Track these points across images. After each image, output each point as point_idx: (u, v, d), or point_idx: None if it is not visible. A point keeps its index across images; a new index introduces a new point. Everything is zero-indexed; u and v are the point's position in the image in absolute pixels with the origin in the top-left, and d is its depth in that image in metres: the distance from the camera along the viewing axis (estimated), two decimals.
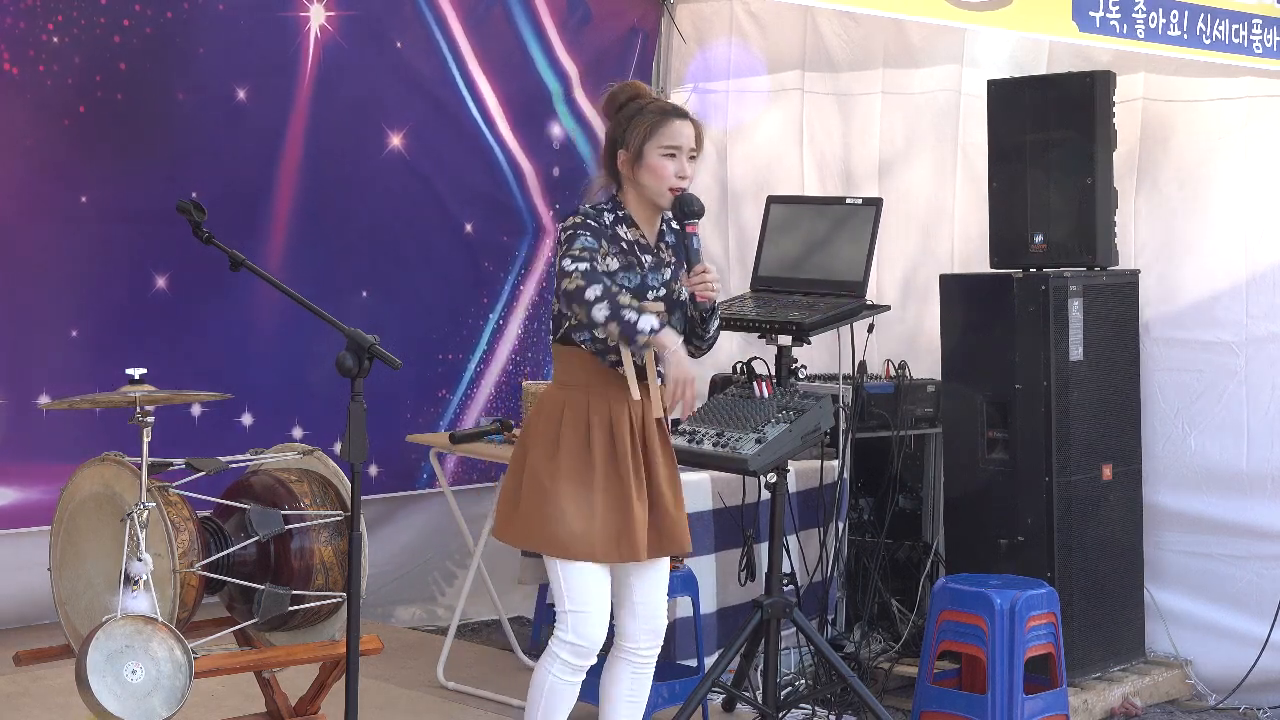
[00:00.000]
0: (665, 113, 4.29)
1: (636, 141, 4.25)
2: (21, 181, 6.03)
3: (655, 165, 4.24)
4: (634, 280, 4.23)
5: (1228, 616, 5.97)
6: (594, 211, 4.27)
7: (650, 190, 4.27)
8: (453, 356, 7.17)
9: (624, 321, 4.06)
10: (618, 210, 4.30)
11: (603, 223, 4.24)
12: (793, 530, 5.82)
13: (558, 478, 4.19)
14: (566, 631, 4.24)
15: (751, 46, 7.29)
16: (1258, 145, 5.92)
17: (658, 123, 4.25)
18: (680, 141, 4.25)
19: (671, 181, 4.24)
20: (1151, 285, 6.10)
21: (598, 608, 4.25)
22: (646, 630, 4.41)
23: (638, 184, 4.28)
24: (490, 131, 7.17)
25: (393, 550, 7.00)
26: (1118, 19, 4.96)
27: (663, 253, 4.34)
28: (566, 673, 4.26)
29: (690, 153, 4.28)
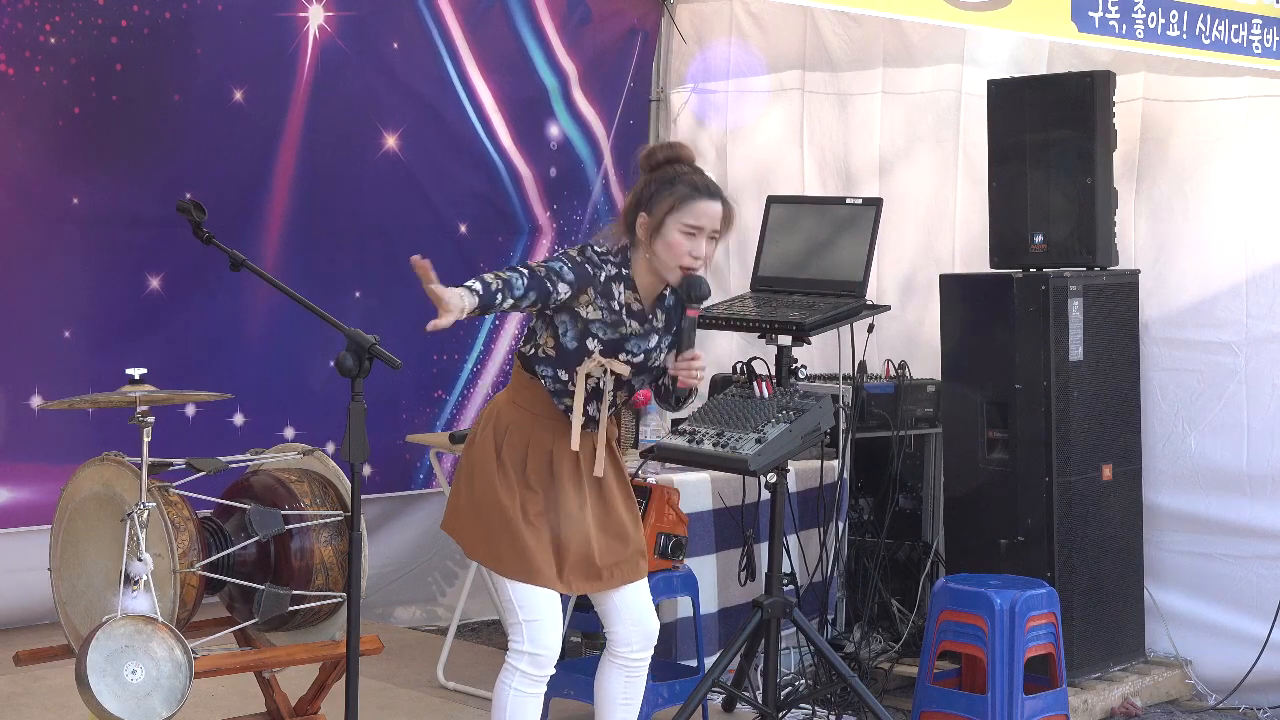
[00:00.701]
0: (697, 190, 4.17)
1: (660, 212, 4.14)
2: (14, 182, 6.03)
3: (673, 242, 4.14)
4: (610, 336, 4.15)
5: (1228, 616, 5.97)
6: (596, 258, 4.17)
7: (661, 262, 4.17)
8: (448, 357, 7.17)
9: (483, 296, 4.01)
10: (623, 269, 4.19)
11: (599, 274, 4.15)
12: (793, 530, 5.82)
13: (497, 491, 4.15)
14: (522, 642, 4.16)
15: (751, 46, 7.29)
16: (1258, 145, 5.92)
17: (687, 198, 4.14)
18: (704, 223, 4.15)
19: (685, 261, 4.15)
20: (1151, 285, 6.10)
21: (550, 614, 4.19)
22: (638, 634, 4.37)
23: (651, 251, 4.17)
24: (486, 132, 7.17)
25: (393, 550, 7.00)
26: (1117, 19, 4.96)
27: (654, 320, 4.24)
28: (527, 684, 4.17)
29: (713, 234, 4.18)
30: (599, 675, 4.44)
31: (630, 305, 4.20)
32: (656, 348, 4.26)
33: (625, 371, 4.19)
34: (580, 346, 4.16)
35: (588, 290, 4.14)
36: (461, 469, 4.31)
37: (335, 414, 6.52)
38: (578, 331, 4.15)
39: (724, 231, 4.23)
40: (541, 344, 4.21)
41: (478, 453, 4.24)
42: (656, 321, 4.25)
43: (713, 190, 4.21)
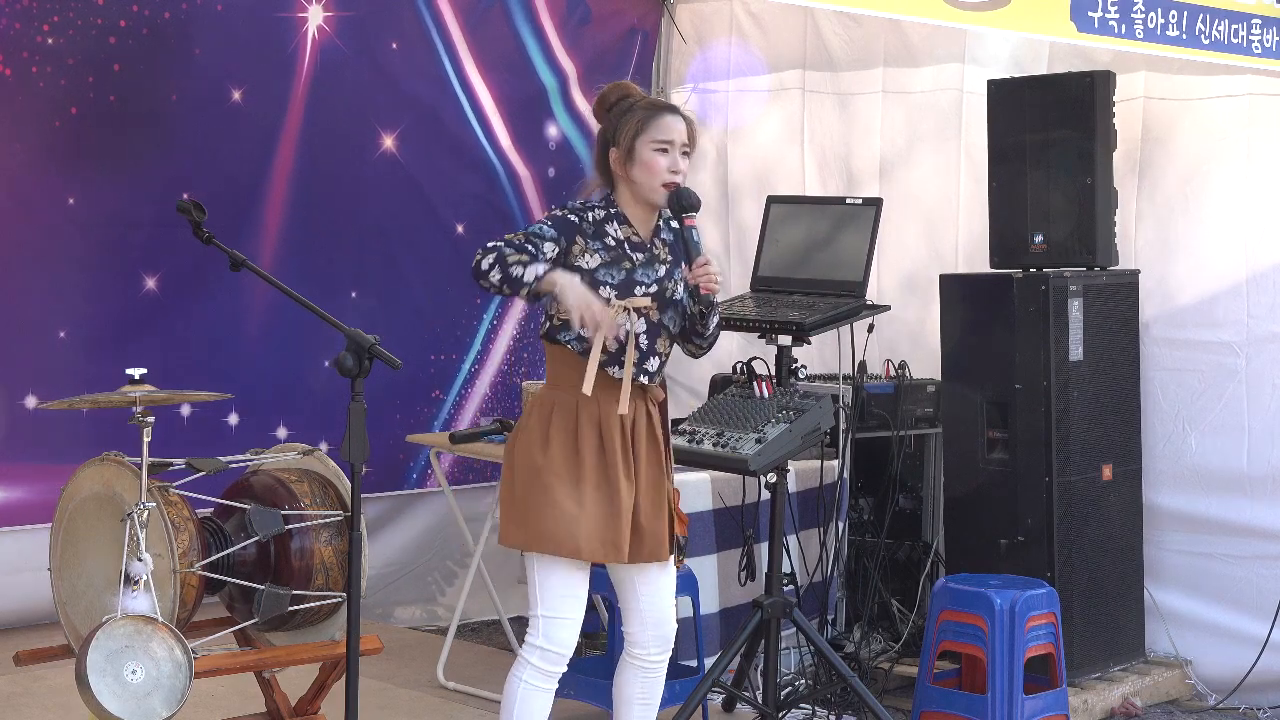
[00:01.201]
0: (656, 108, 4.25)
1: (628, 138, 4.20)
2: (10, 183, 6.03)
3: (647, 161, 4.19)
4: (618, 276, 4.16)
5: (1228, 616, 5.97)
6: (579, 207, 4.22)
7: (643, 187, 4.21)
8: (445, 357, 7.17)
9: (511, 279, 4.04)
10: (610, 208, 4.24)
11: (585, 219, 4.18)
12: (793, 530, 5.82)
13: (548, 475, 4.14)
14: (537, 636, 4.18)
15: (752, 46, 7.29)
16: (1259, 145, 5.92)
17: (648, 118, 4.21)
18: (672, 136, 4.20)
19: (664, 177, 4.19)
20: (1152, 285, 6.10)
21: (571, 613, 4.19)
22: (655, 637, 4.37)
23: (631, 181, 4.22)
24: (485, 132, 7.17)
25: (393, 550, 7.01)
26: (1116, 19, 4.96)
27: (657, 249, 4.27)
28: (538, 679, 4.18)
29: (683, 148, 4.23)
30: (618, 676, 4.43)
31: (630, 239, 4.22)
32: (668, 276, 4.25)
33: (645, 304, 4.17)
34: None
35: (576, 239, 4.15)
36: (505, 471, 4.27)
37: (327, 413, 6.59)
38: (588, 283, 4.13)
39: (692, 145, 4.27)
40: (554, 313, 4.20)
41: (520, 447, 4.21)
42: (659, 250, 4.26)
43: (671, 106, 4.30)
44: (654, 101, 4.32)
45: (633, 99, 4.29)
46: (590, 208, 4.23)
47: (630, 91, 4.33)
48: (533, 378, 7.25)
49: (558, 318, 4.19)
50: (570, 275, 4.09)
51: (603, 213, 4.23)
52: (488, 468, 7.11)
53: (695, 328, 4.31)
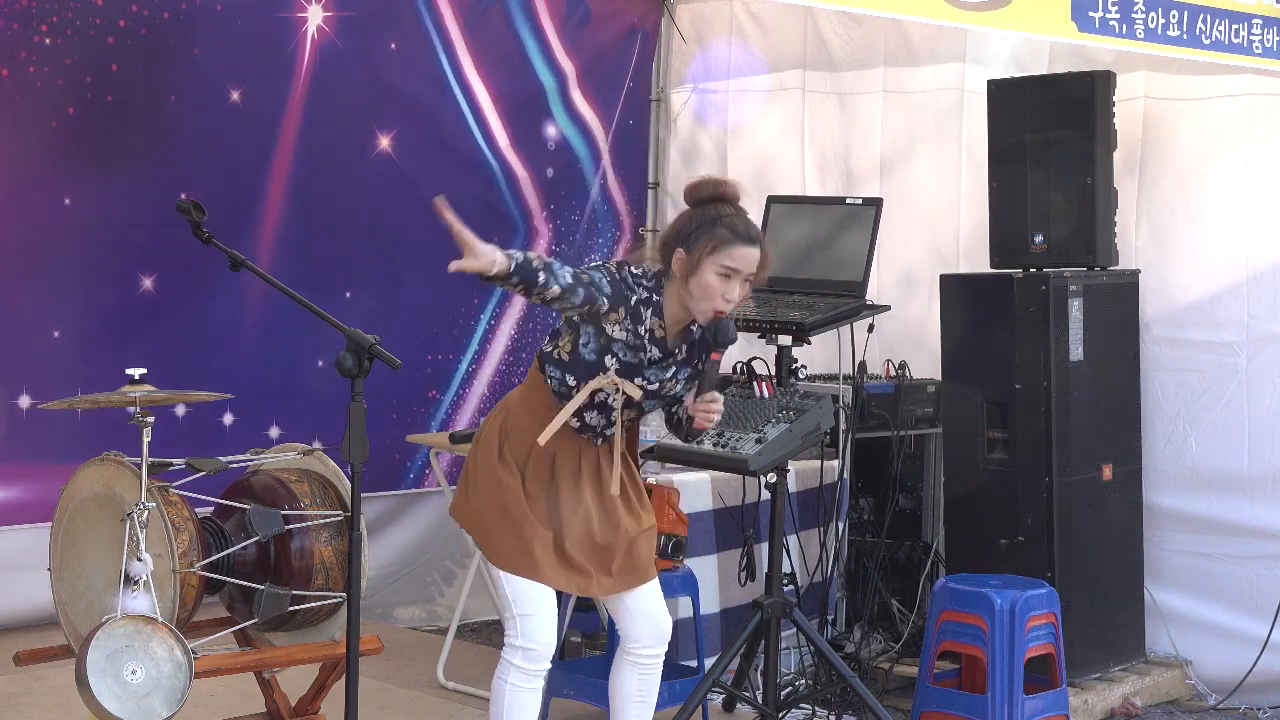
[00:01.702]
0: (737, 235, 4.13)
1: (700, 252, 4.11)
2: (6, 183, 6.02)
3: (708, 283, 4.11)
4: (628, 357, 4.14)
5: (1228, 616, 5.96)
6: (630, 279, 4.14)
7: (694, 303, 4.14)
8: (442, 357, 7.17)
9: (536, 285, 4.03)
10: (654, 295, 4.16)
11: (630, 295, 4.12)
12: (793, 530, 5.82)
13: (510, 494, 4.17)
14: (516, 636, 4.19)
15: (752, 46, 7.29)
16: (1259, 145, 5.92)
17: (727, 242, 4.11)
18: (740, 266, 4.13)
19: (718, 304, 4.12)
20: (1152, 285, 6.10)
21: (546, 609, 4.20)
22: (650, 632, 4.38)
23: (684, 289, 4.15)
24: (483, 133, 7.16)
25: (393, 550, 7.00)
26: (1117, 19, 4.96)
27: (678, 353, 4.21)
28: (522, 679, 4.19)
29: (747, 278, 4.16)
30: (613, 674, 4.44)
31: (655, 332, 4.17)
32: (673, 379, 4.23)
33: (637, 395, 4.18)
34: (598, 361, 4.14)
35: (619, 309, 4.12)
36: (469, 460, 4.32)
37: (321, 412, 6.59)
38: (599, 346, 4.13)
39: (759, 277, 4.21)
40: (560, 346, 4.20)
41: (483, 447, 4.26)
42: (679, 354, 4.23)
43: (753, 236, 4.19)
44: (736, 227, 4.16)
45: (722, 209, 4.18)
46: (639, 285, 4.15)
47: (725, 195, 4.21)
48: None
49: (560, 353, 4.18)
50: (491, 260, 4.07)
51: (646, 295, 4.15)
52: None
53: (676, 432, 4.37)
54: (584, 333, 4.14)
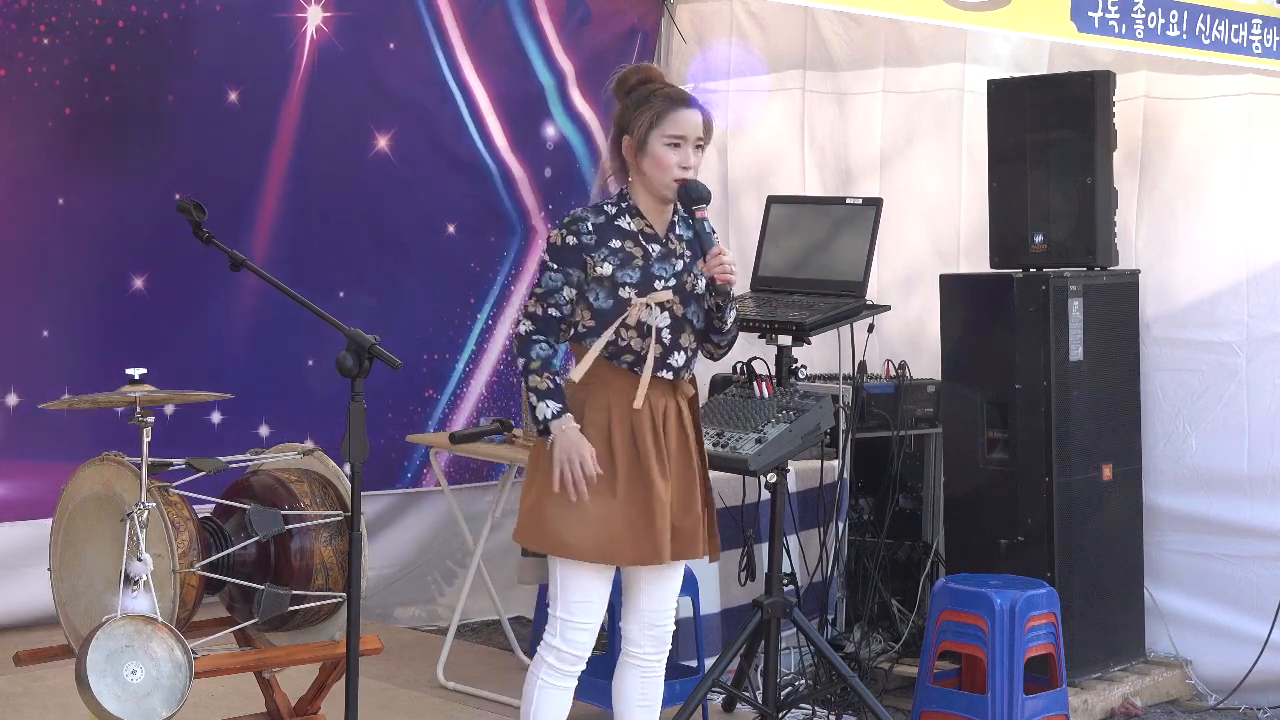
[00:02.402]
0: (672, 100, 4.18)
1: (641, 130, 4.15)
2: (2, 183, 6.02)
3: (659, 155, 4.14)
4: (634, 275, 4.13)
5: (1228, 616, 5.97)
6: (576, 220, 4.17)
7: (654, 181, 4.17)
8: (439, 356, 7.16)
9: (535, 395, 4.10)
10: (622, 202, 4.21)
11: (584, 233, 4.13)
12: (793, 530, 5.82)
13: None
14: (555, 637, 4.19)
15: (752, 46, 7.29)
16: (1259, 145, 5.92)
17: (663, 111, 4.15)
18: (686, 131, 4.15)
19: (675, 173, 4.14)
20: (1152, 285, 6.10)
21: (590, 619, 4.19)
22: (649, 636, 4.36)
23: (642, 173, 4.19)
24: (480, 133, 7.15)
25: (393, 550, 7.00)
26: (1116, 19, 4.96)
27: (673, 244, 4.23)
28: (555, 678, 4.21)
29: (697, 141, 4.18)
30: (616, 678, 4.43)
31: (644, 231, 4.19)
32: (686, 270, 4.21)
33: (666, 297, 4.14)
34: (616, 301, 4.13)
35: (584, 258, 4.13)
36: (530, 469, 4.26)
37: (311, 411, 6.59)
38: (606, 290, 4.14)
39: (706, 138, 4.22)
40: (579, 320, 4.19)
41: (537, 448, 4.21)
42: (676, 245, 4.23)
43: (688, 98, 4.22)
44: (671, 93, 4.22)
45: (652, 85, 4.23)
46: (589, 214, 4.19)
47: (651, 76, 4.27)
48: None
49: (583, 324, 4.18)
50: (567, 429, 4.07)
51: (613, 208, 4.20)
52: (485, 467, 7.10)
53: (713, 323, 4.27)
54: (587, 293, 4.16)
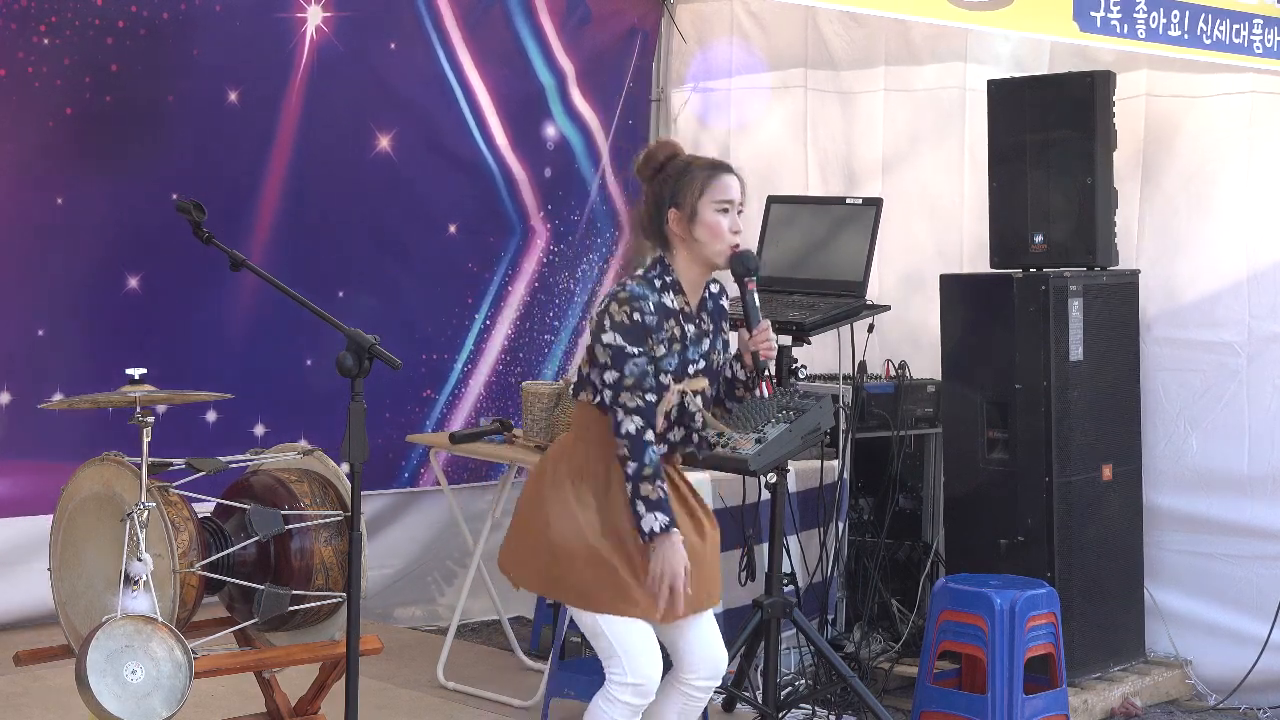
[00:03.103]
0: (716, 168, 4.18)
1: (690, 199, 4.12)
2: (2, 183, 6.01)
3: (712, 223, 4.11)
4: (674, 362, 4.10)
5: (1228, 616, 5.97)
6: (643, 290, 4.09)
7: (708, 250, 4.13)
8: (438, 356, 7.16)
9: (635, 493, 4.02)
10: (665, 275, 4.16)
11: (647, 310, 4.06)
12: (793, 530, 5.82)
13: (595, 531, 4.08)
14: (625, 674, 4.08)
15: (752, 46, 7.29)
16: (1261, 144, 5.92)
17: (710, 178, 4.14)
18: (732, 196, 4.15)
19: (729, 239, 4.13)
20: (1153, 284, 6.10)
21: (649, 644, 4.12)
22: (705, 659, 4.25)
23: (692, 243, 4.14)
24: (481, 132, 7.15)
25: (393, 550, 7.00)
26: (1119, 19, 4.96)
27: (704, 322, 4.22)
28: (631, 715, 4.11)
29: (739, 207, 4.18)
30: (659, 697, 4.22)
31: (683, 310, 4.17)
32: (712, 348, 4.23)
33: (703, 386, 4.17)
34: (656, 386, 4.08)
35: (649, 338, 4.08)
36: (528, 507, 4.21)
37: (307, 410, 6.59)
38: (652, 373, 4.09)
39: (744, 202, 4.24)
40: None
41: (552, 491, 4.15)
42: (705, 323, 4.23)
43: (727, 165, 4.25)
44: (711, 161, 4.22)
45: (684, 158, 4.22)
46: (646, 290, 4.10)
47: (678, 150, 4.25)
48: (528, 377, 7.24)
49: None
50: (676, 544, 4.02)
51: (661, 282, 4.14)
52: (484, 467, 7.10)
53: (734, 392, 4.30)
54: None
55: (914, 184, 6.78)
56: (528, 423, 5.86)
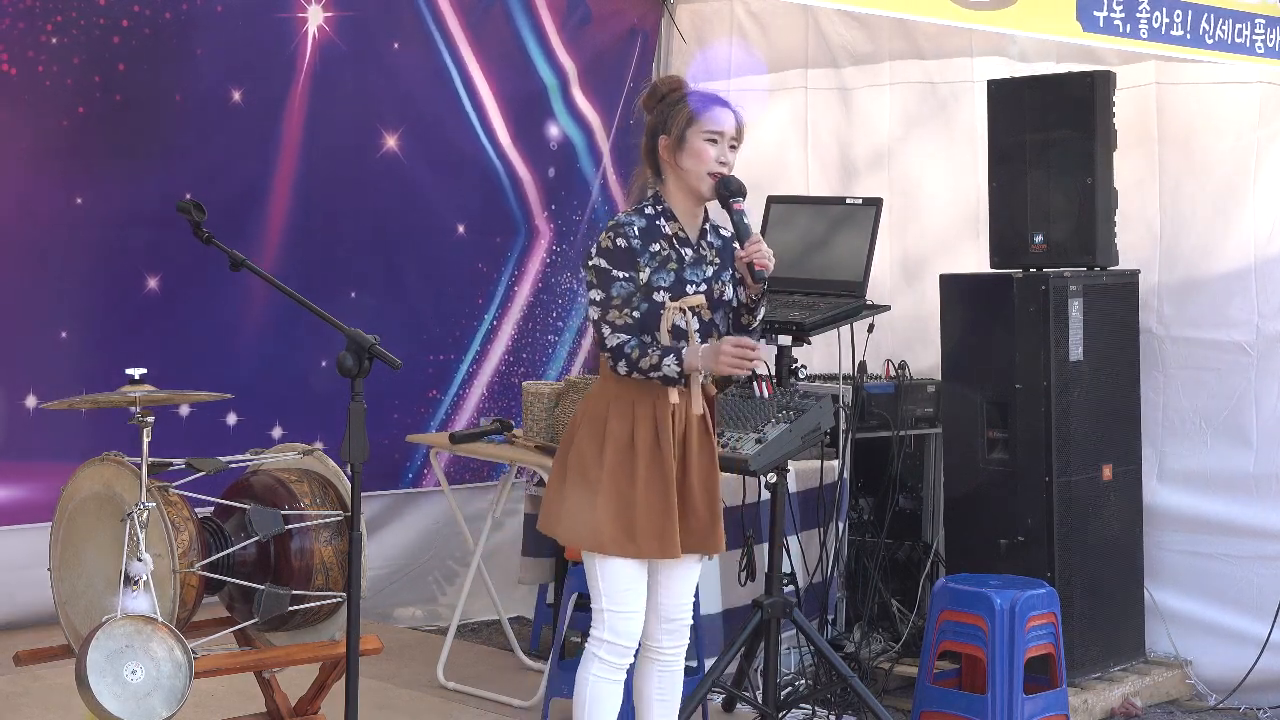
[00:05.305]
0: (708, 99, 4.30)
1: (679, 127, 4.24)
2: (17, 182, 6.02)
3: (698, 149, 4.22)
4: (668, 279, 4.19)
5: (1228, 616, 5.97)
6: (623, 224, 4.22)
7: (691, 175, 4.24)
8: (444, 357, 7.17)
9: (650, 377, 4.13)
10: (658, 204, 4.27)
11: (632, 236, 4.19)
12: (793, 530, 5.82)
13: (602, 472, 4.19)
14: (603, 629, 4.24)
15: (752, 46, 7.28)
16: (1269, 142, 5.90)
17: (700, 109, 4.25)
18: (723, 128, 4.25)
19: (712, 166, 4.23)
20: (1159, 282, 6.09)
21: (635, 605, 4.25)
22: (666, 630, 4.39)
23: (679, 170, 4.25)
24: (486, 133, 7.16)
25: (393, 550, 7.00)
26: (1121, 18, 4.97)
27: (704, 251, 4.29)
28: (607, 671, 4.24)
29: (732, 141, 4.27)
30: (636, 674, 4.44)
31: (676, 235, 4.25)
32: (716, 277, 4.29)
33: (699, 302, 4.22)
34: (650, 305, 4.18)
35: (636, 260, 4.17)
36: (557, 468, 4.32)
37: (322, 413, 6.59)
38: (641, 294, 4.18)
39: (739, 140, 4.31)
40: None
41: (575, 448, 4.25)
42: (707, 252, 4.29)
43: (723, 99, 4.33)
44: (707, 93, 4.35)
45: (685, 89, 4.34)
46: (633, 216, 4.25)
47: (682, 84, 4.38)
48: (531, 378, 7.24)
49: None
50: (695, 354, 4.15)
51: (651, 210, 4.26)
52: (485, 467, 7.10)
53: (740, 320, 4.35)
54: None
55: (915, 182, 6.78)
56: (528, 423, 5.86)
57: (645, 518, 4.18)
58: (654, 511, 4.19)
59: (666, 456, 4.20)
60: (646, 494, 4.19)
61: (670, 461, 4.20)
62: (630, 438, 4.19)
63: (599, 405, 4.25)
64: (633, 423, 4.20)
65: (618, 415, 4.21)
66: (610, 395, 4.24)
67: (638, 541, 4.19)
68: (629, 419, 4.20)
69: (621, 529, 4.18)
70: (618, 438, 4.19)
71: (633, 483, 4.18)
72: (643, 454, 4.19)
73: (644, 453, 4.19)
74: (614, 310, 4.16)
